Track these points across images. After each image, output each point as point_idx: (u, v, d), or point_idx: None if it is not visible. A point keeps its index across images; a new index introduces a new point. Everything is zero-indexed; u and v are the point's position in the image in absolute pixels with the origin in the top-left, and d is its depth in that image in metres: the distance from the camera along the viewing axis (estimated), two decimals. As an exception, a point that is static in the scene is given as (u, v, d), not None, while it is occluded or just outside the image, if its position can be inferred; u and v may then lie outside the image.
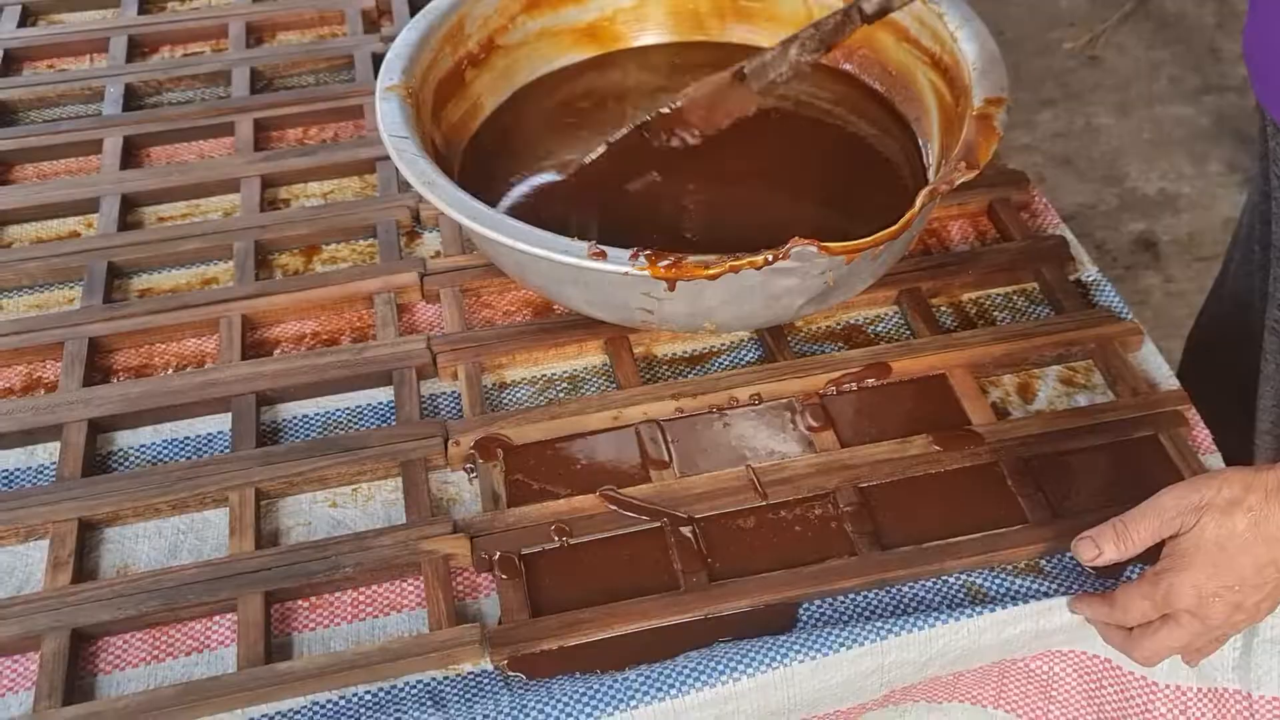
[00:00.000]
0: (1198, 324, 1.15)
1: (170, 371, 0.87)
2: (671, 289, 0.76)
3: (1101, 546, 0.69)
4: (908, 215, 0.76)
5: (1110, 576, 0.73)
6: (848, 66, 1.02)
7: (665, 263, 0.74)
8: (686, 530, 0.75)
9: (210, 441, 0.82)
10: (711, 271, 0.74)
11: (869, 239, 0.75)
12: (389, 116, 0.85)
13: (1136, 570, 0.73)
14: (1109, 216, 2.00)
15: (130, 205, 0.99)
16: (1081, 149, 2.13)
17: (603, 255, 0.74)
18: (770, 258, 0.74)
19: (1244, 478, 0.66)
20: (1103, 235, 1.96)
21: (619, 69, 1.05)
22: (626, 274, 0.74)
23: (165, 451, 0.82)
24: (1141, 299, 1.85)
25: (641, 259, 0.74)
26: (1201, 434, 0.81)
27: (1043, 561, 0.74)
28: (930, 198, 0.77)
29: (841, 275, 0.79)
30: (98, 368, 0.87)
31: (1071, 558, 0.73)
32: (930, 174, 0.92)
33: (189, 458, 0.81)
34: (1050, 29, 2.38)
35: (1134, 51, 2.35)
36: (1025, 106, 2.22)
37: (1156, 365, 0.86)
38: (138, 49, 1.15)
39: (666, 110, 0.94)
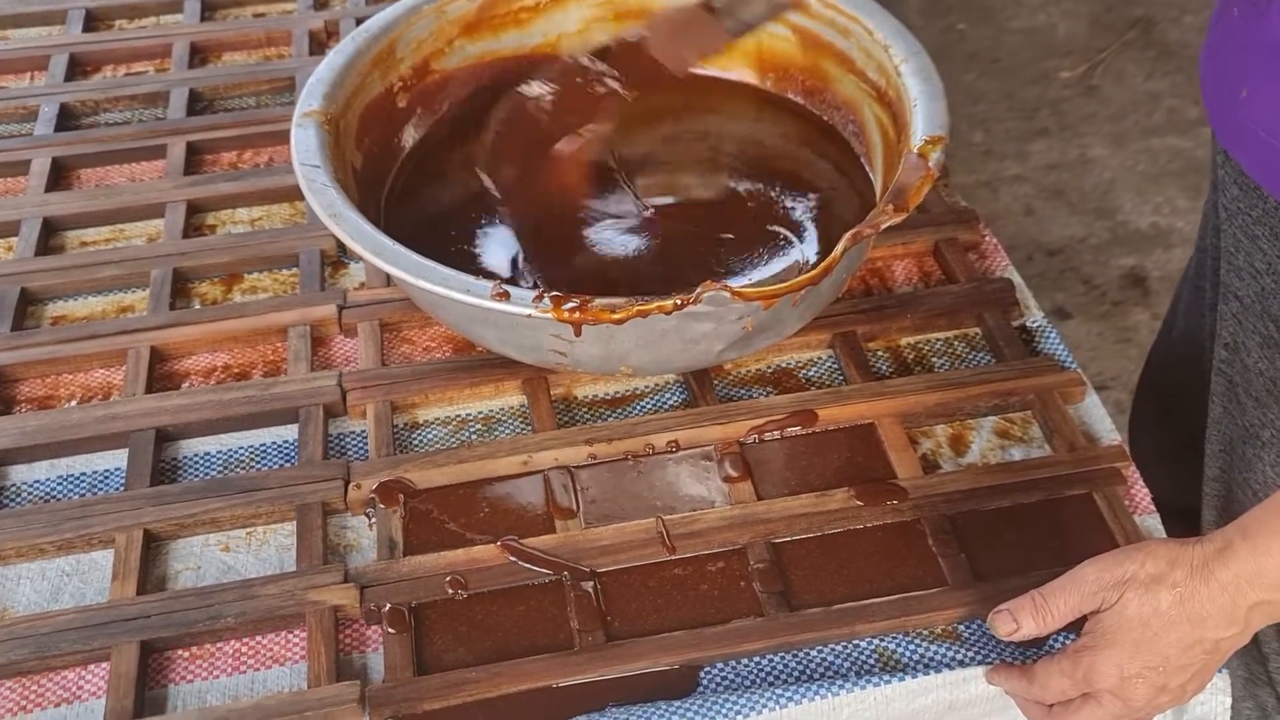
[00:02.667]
0: (1147, 365, 1.11)
1: (74, 404, 0.84)
2: (578, 333, 0.73)
3: (1019, 620, 0.65)
4: (827, 260, 0.72)
5: (1033, 646, 0.70)
6: (798, 99, 0.99)
7: (570, 305, 0.71)
8: (587, 585, 0.72)
9: (107, 478, 0.79)
10: (617, 316, 0.71)
11: (786, 284, 0.72)
12: (302, 144, 0.82)
13: (1063, 639, 0.69)
14: (1099, 250, 1.95)
15: (53, 229, 0.96)
16: (1073, 180, 2.09)
17: (506, 296, 0.71)
18: (679, 302, 0.70)
19: (1169, 552, 0.62)
20: (1091, 270, 1.92)
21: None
22: (530, 316, 0.71)
23: (59, 488, 0.79)
24: (1128, 336, 1.81)
25: (546, 301, 0.71)
26: (1140, 492, 0.77)
27: (961, 627, 0.70)
28: (853, 242, 0.73)
29: (762, 321, 0.75)
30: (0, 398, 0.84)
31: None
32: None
33: (83, 495, 0.78)
34: (1047, 57, 2.34)
35: (1132, 81, 2.30)
36: (1018, 136, 2.18)
37: (1099, 418, 0.82)
38: (80, 68, 1.13)
39: (627, 41, 0.86)
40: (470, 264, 0.86)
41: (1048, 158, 2.14)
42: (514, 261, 0.86)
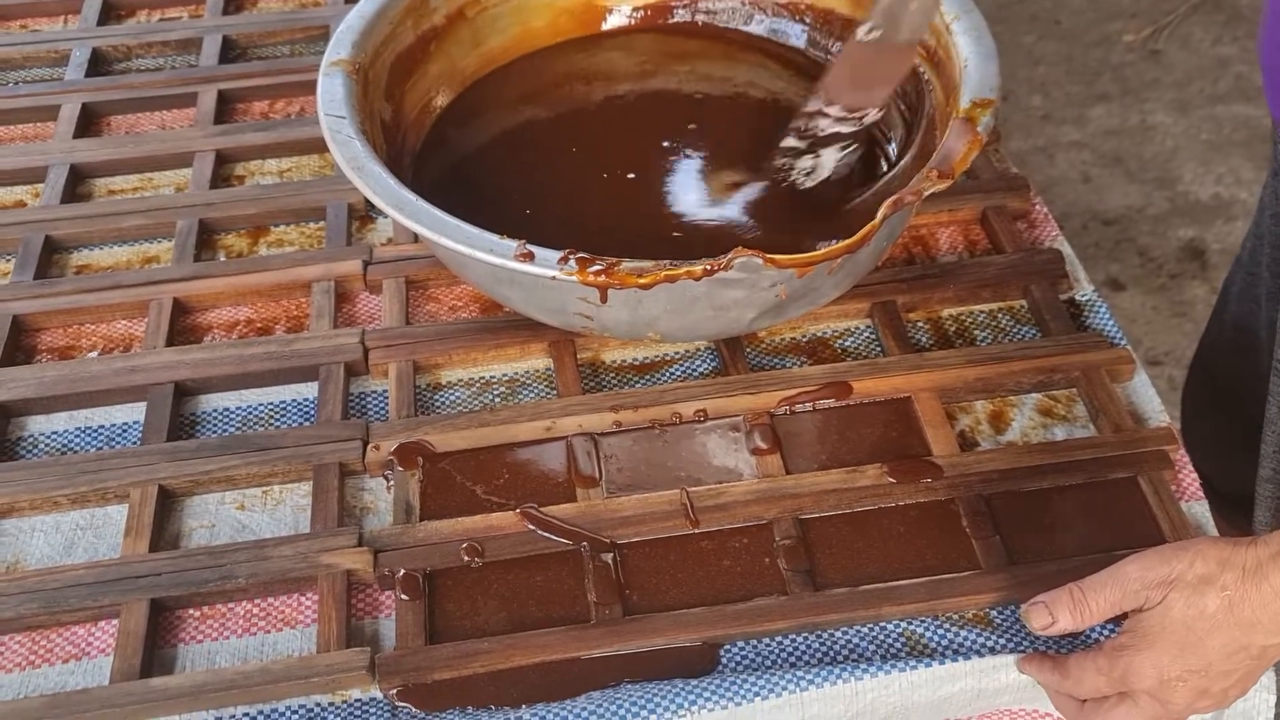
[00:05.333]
0: (1199, 349, 1.07)
1: (95, 355, 0.82)
2: (604, 298, 0.70)
3: (1055, 615, 0.62)
4: (866, 228, 0.69)
5: (1069, 635, 0.67)
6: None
7: (595, 268, 0.68)
8: (606, 557, 0.70)
9: (125, 432, 0.78)
10: (644, 280, 0.68)
11: (821, 252, 0.69)
12: (329, 93, 0.80)
13: (1101, 632, 0.66)
14: (1157, 221, 1.89)
15: (82, 176, 0.95)
16: (1134, 148, 2.02)
17: (530, 257, 0.69)
18: (709, 268, 0.68)
19: (1220, 552, 0.59)
20: (1148, 241, 1.86)
21: (602, 50, 0.99)
22: (554, 278, 0.69)
23: (77, 440, 0.78)
24: (1184, 310, 1.75)
25: (571, 263, 0.68)
26: (1188, 478, 0.74)
27: (992, 613, 0.68)
28: (894, 209, 0.70)
29: (796, 288, 0.72)
30: (21, 347, 0.83)
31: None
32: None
33: (100, 448, 0.77)
34: (1111, 19, 2.27)
35: (1199, 46, 2.23)
36: (1078, 101, 2.12)
37: (1148, 398, 0.78)
38: (113, 11, 1.11)
39: (812, 110, 0.81)
40: (501, 221, 0.83)
41: (1107, 124, 2.07)
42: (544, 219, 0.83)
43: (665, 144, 0.91)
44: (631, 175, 0.88)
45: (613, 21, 0.99)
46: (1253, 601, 0.58)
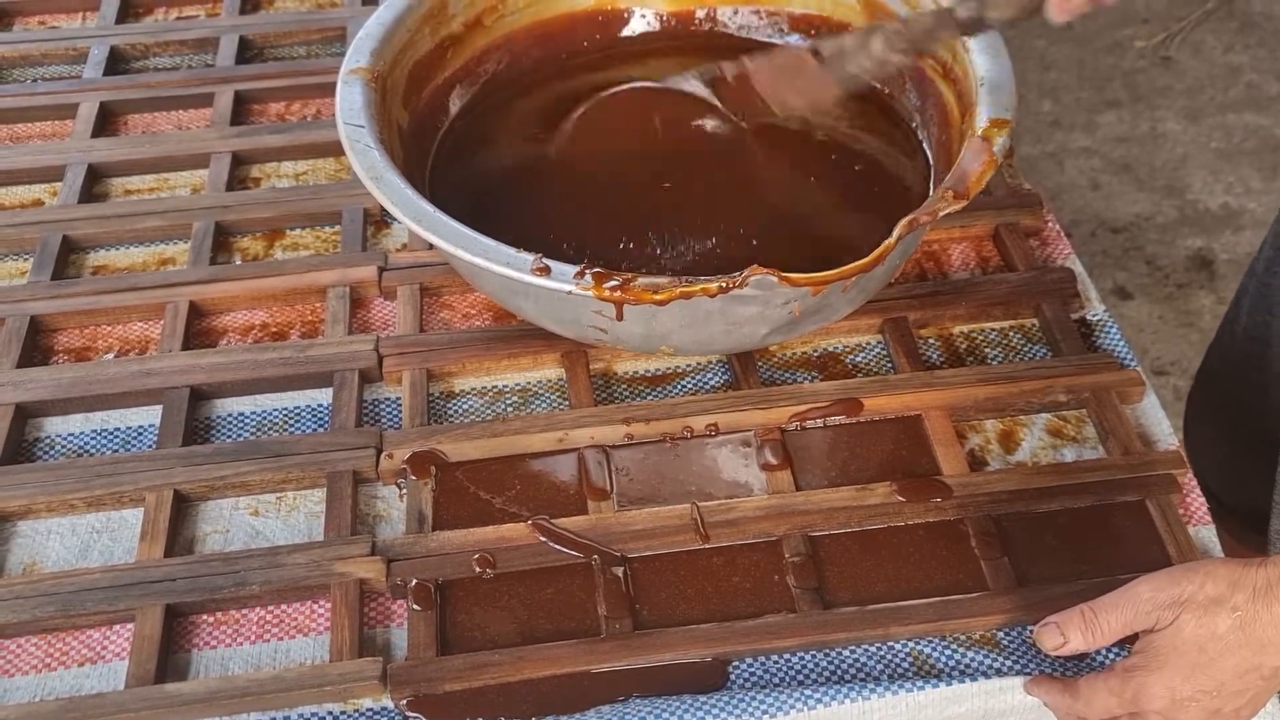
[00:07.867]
0: (1207, 357, 1.07)
1: (111, 356, 0.83)
2: (619, 315, 0.70)
3: (1067, 635, 0.63)
4: (881, 248, 0.70)
5: (1075, 658, 0.67)
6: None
7: (611, 284, 0.68)
8: (617, 570, 0.70)
9: (141, 435, 0.79)
10: (659, 297, 0.68)
11: (835, 271, 0.69)
12: (347, 102, 0.80)
13: (1114, 654, 0.67)
14: (1165, 230, 1.89)
15: (99, 176, 0.95)
16: (1143, 155, 2.02)
17: (546, 271, 0.69)
18: (724, 285, 0.68)
19: (1230, 573, 0.59)
20: (1156, 249, 1.86)
21: (619, 61, 0.99)
22: (570, 292, 0.69)
23: (93, 442, 0.78)
24: (1190, 320, 1.76)
25: (587, 278, 0.69)
26: (1195, 502, 0.74)
27: (999, 634, 0.68)
28: (909, 229, 0.70)
29: (810, 305, 0.73)
30: (38, 348, 0.84)
31: (1032, 631, 0.67)
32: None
33: (116, 451, 0.78)
34: (1123, 25, 2.27)
35: (1211, 54, 2.23)
36: (1088, 107, 2.12)
37: (1157, 420, 0.79)
38: (131, 9, 1.11)
39: (728, 72, 0.83)
40: (518, 230, 0.84)
41: (1117, 130, 2.07)
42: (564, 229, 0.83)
43: (679, 152, 0.91)
44: (647, 182, 0.88)
45: (630, 30, 0.99)
46: (1263, 621, 0.58)
